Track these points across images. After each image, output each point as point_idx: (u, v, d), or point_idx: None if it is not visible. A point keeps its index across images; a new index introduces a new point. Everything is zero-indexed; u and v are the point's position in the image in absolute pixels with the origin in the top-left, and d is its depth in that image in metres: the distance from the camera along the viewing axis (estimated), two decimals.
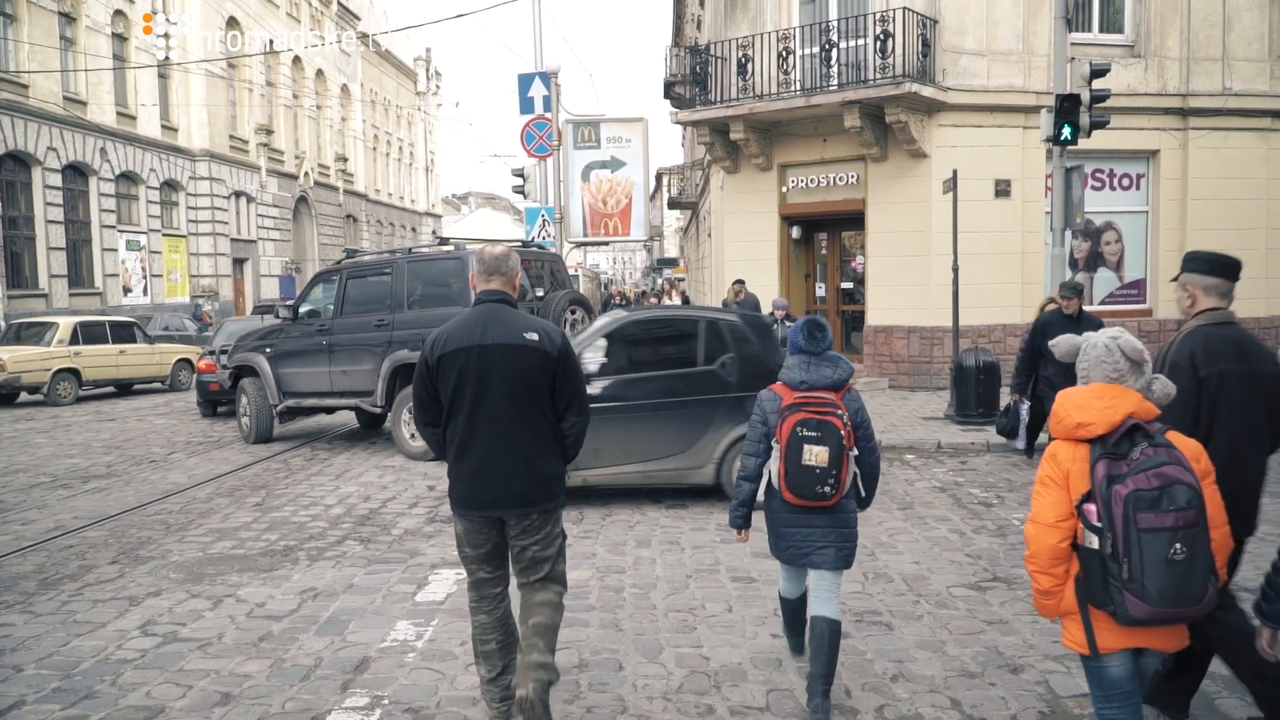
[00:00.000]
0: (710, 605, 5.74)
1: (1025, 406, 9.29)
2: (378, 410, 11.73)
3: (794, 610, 4.78)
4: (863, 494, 4.34)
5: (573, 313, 11.32)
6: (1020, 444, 9.75)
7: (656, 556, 6.80)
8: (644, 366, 8.68)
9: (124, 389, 20.02)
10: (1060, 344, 3.25)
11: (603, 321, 9.14)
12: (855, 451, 4.22)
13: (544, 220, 16.75)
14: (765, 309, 14.44)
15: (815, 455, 4.10)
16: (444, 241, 12.06)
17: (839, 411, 4.15)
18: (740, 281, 16.79)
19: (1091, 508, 2.89)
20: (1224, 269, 3.90)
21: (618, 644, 5.15)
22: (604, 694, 4.53)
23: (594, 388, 8.34)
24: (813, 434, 4.12)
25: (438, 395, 4.02)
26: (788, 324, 11.38)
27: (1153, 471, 2.79)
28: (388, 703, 4.48)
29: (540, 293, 11.38)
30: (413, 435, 11.07)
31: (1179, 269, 4.03)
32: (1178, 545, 2.74)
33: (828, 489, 4.11)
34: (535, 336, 3.97)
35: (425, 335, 10.19)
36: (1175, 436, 2.96)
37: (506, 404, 3.93)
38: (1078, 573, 2.97)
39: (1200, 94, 16.04)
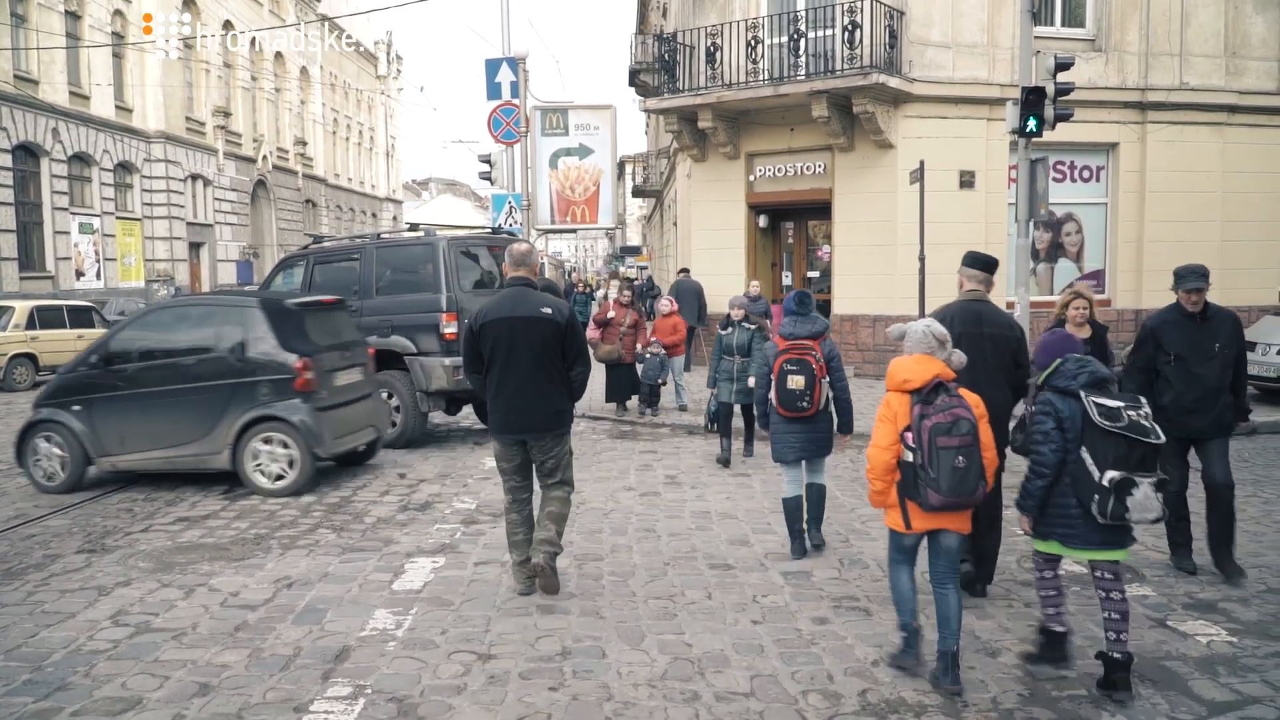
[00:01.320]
0: (690, 592, 5.76)
1: None
2: None
3: (794, 510, 6.36)
4: (837, 419, 6.52)
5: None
6: None
7: (633, 544, 6.81)
8: (165, 353, 8.82)
9: None
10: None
11: (138, 309, 9.54)
12: (827, 379, 6.35)
13: (511, 207, 16.65)
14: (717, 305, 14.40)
15: (795, 381, 6.24)
16: (413, 227, 11.98)
17: (815, 353, 6.32)
18: (684, 270, 17.06)
19: (909, 435, 4.37)
20: (982, 264, 5.74)
21: (600, 631, 5.15)
22: (589, 681, 4.54)
23: (119, 374, 8.72)
24: (794, 368, 6.27)
25: (480, 352, 5.63)
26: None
27: (947, 412, 4.33)
28: (370, 692, 4.45)
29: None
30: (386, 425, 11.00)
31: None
32: (960, 458, 4.27)
33: (804, 404, 6.24)
34: (550, 311, 5.61)
35: (393, 321, 10.24)
36: (964, 391, 4.49)
37: (530, 359, 5.54)
38: (899, 479, 4.42)
39: (1158, 88, 16.27)
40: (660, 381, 12.50)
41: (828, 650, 4.86)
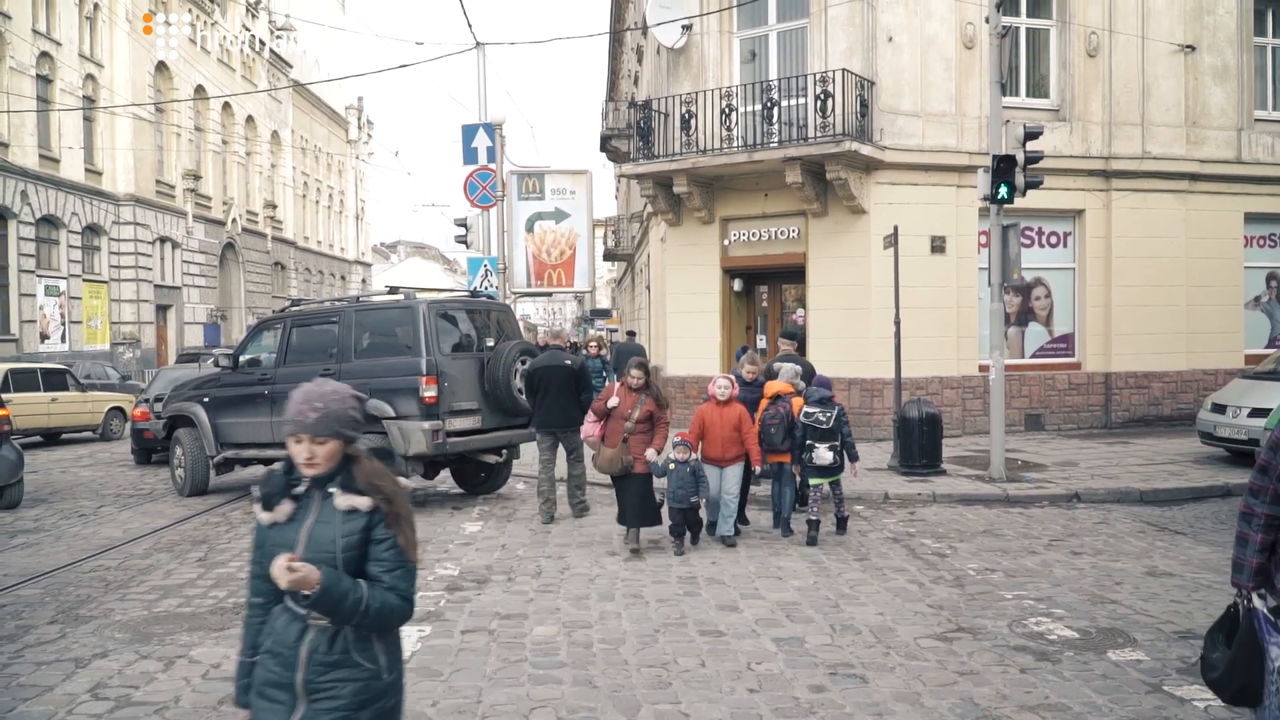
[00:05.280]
0: (682, 660, 5.68)
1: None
2: None
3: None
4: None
5: (523, 363, 11.19)
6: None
7: (621, 610, 6.73)
8: None
9: (51, 438, 19.33)
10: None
11: None
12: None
13: (486, 270, 16.70)
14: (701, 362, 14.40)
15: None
16: (393, 290, 11.98)
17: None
18: (632, 332, 17.20)
19: (759, 418, 9.04)
20: (791, 335, 11.14)
21: (594, 701, 5.06)
22: None
23: None
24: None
25: (536, 388, 9.99)
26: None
27: (777, 407, 9.00)
28: None
29: (490, 343, 11.31)
30: None
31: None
32: (773, 429, 8.94)
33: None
34: (570, 363, 10.17)
35: (371, 384, 10.29)
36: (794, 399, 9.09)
37: (559, 388, 9.89)
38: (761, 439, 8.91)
39: (1121, 157, 16.71)
40: (694, 501, 8.58)
41: None
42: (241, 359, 12.16)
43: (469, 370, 11.00)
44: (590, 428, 9.06)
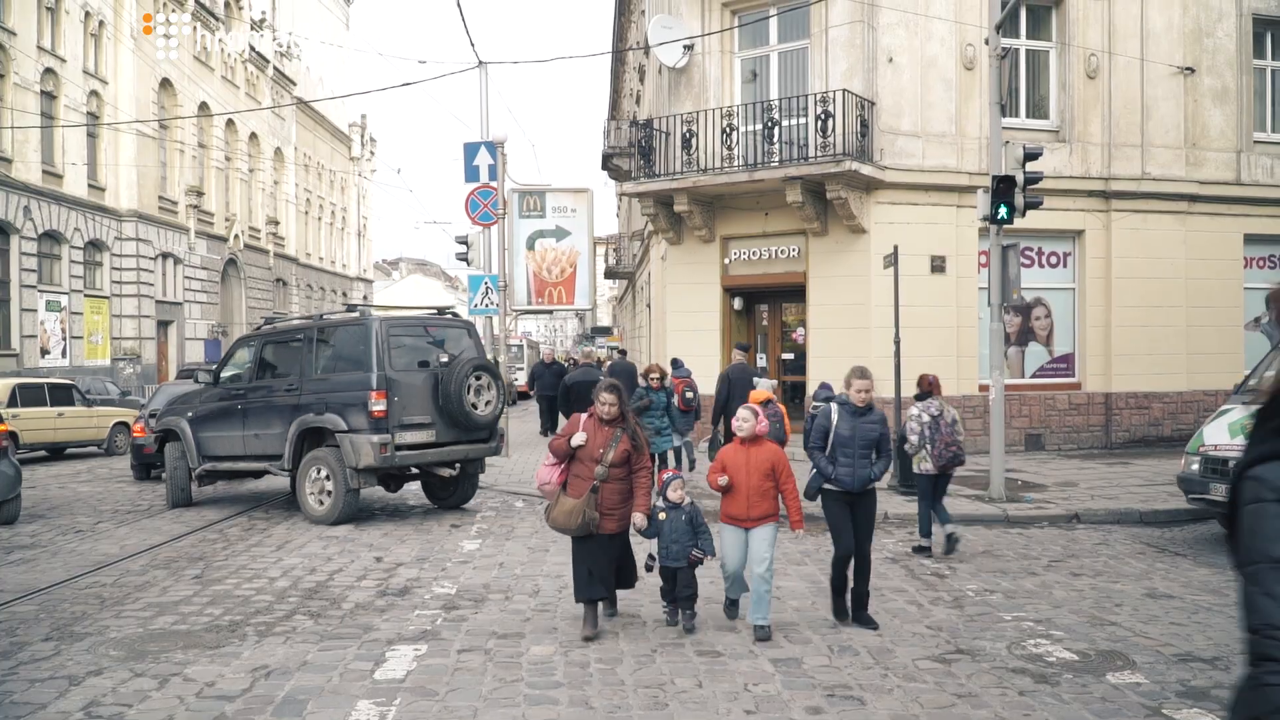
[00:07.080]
0: (679, 680, 5.65)
1: None
2: (285, 474, 11.68)
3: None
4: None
5: (478, 378, 11.31)
6: None
7: (619, 630, 6.70)
8: None
9: (56, 452, 19.36)
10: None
11: None
12: (698, 392, 13.39)
13: (487, 288, 16.71)
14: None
15: (690, 394, 12.94)
16: (351, 309, 12.39)
17: (691, 381, 13.17)
18: (622, 351, 17.49)
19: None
20: (743, 348, 13.58)
21: None
22: None
23: None
24: (689, 390, 12.75)
25: (573, 400, 13.78)
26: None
27: (769, 408, 8.44)
28: None
29: (444, 359, 11.43)
30: (320, 501, 11.08)
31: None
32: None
33: (692, 399, 13.10)
34: (600, 377, 10.35)
35: (327, 399, 10.45)
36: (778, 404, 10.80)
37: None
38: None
39: (1121, 178, 16.76)
40: (695, 558, 6.68)
41: None
42: (222, 375, 12.53)
43: (423, 385, 11.22)
44: (547, 473, 6.71)
